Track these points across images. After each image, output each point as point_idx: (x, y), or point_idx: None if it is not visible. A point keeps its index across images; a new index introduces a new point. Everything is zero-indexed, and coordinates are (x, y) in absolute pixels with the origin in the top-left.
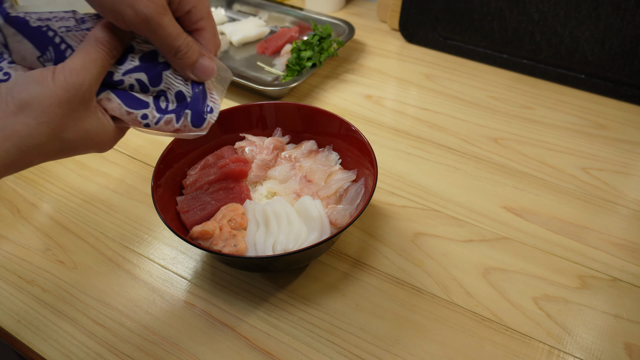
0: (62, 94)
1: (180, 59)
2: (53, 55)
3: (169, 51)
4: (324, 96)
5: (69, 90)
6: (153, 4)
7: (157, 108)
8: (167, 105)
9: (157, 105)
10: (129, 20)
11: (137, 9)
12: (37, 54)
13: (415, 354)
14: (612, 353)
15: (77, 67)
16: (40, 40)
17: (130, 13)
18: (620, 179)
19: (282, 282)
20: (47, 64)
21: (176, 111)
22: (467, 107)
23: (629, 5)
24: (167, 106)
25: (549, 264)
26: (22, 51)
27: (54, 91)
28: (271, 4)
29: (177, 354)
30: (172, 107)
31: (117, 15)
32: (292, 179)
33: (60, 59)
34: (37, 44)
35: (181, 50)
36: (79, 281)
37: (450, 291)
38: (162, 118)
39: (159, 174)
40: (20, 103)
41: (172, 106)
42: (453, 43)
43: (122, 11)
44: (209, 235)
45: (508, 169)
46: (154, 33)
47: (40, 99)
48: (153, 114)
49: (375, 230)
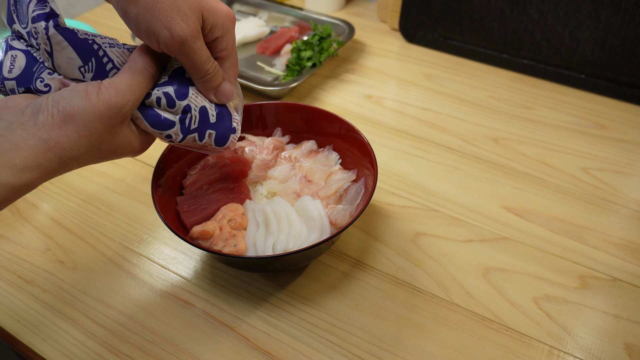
0: (104, 110)
1: (207, 82)
2: (94, 67)
3: (198, 73)
4: (324, 96)
5: (112, 108)
6: (188, 27)
7: (181, 128)
8: (190, 122)
9: (182, 124)
10: (164, 42)
11: (173, 31)
12: (79, 64)
13: (415, 354)
14: (612, 353)
15: (124, 88)
16: (84, 50)
17: (166, 34)
18: (620, 179)
19: (282, 282)
20: (87, 75)
21: (199, 130)
22: (467, 107)
23: (629, 5)
24: (190, 124)
25: (549, 264)
26: (65, 60)
27: (97, 107)
28: (271, 4)
29: (177, 354)
30: (194, 125)
31: (152, 35)
32: (292, 179)
33: (101, 71)
34: (81, 54)
35: (209, 73)
36: (79, 281)
37: (450, 291)
38: (185, 138)
39: (159, 174)
40: (65, 116)
41: (195, 124)
42: (453, 43)
43: (157, 32)
44: (209, 235)
45: (508, 169)
46: (187, 55)
47: (83, 113)
48: (177, 134)
49: (375, 230)
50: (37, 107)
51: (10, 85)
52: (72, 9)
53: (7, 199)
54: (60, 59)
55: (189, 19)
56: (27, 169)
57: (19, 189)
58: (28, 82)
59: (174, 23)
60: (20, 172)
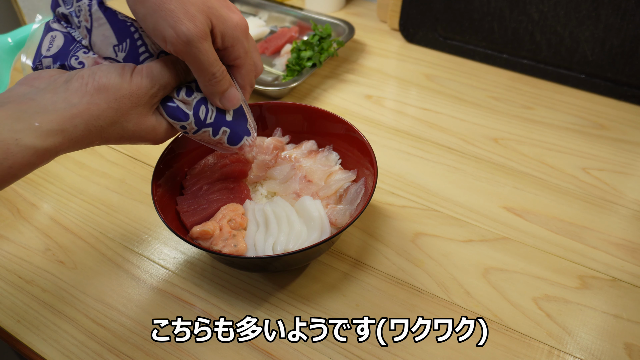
0: (135, 89)
1: (213, 86)
2: (127, 47)
3: (204, 76)
4: (324, 96)
5: (141, 89)
6: (195, 27)
7: (195, 121)
8: (206, 117)
9: (196, 117)
10: (170, 41)
11: (178, 30)
12: (114, 42)
13: (415, 354)
14: (612, 353)
15: (155, 73)
16: (121, 30)
17: (171, 34)
18: (620, 179)
19: (282, 282)
20: (120, 54)
21: (214, 125)
22: (467, 107)
23: (629, 5)
24: (205, 118)
25: (549, 264)
26: (102, 37)
27: (129, 84)
28: (271, 4)
29: (177, 354)
30: (209, 120)
31: (158, 35)
32: (292, 179)
33: (133, 52)
34: (118, 34)
35: (216, 77)
36: (79, 281)
37: (450, 291)
38: (199, 131)
39: (159, 174)
40: (99, 86)
41: (211, 119)
42: (453, 43)
43: (163, 31)
44: (209, 235)
45: (508, 169)
46: (193, 56)
47: (116, 87)
48: (192, 126)
49: (375, 230)
50: (70, 76)
51: (47, 62)
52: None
53: (30, 163)
54: (97, 36)
55: (196, 19)
56: (51, 132)
57: (43, 153)
58: (63, 59)
59: (179, 23)
60: (45, 135)
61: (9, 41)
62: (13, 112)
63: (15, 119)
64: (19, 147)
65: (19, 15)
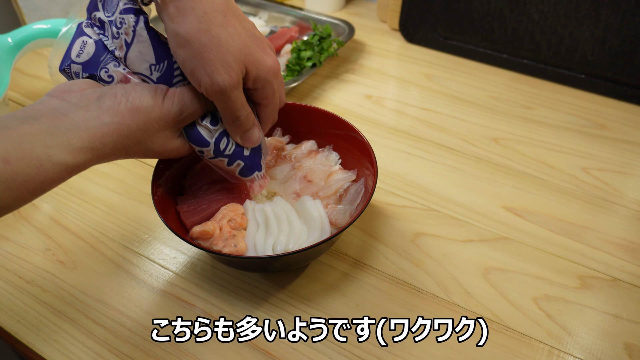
0: (165, 114)
1: (237, 127)
2: (164, 69)
3: (230, 118)
4: (324, 96)
5: (171, 114)
6: (230, 78)
7: (214, 149)
8: (225, 148)
9: (216, 147)
10: (204, 87)
11: (213, 80)
12: (152, 62)
13: (415, 354)
14: (612, 353)
15: (186, 100)
16: (161, 53)
17: (207, 81)
18: (620, 179)
19: (282, 282)
20: (155, 73)
21: (230, 157)
22: (467, 107)
23: (629, 5)
24: (225, 149)
25: (549, 264)
26: (139, 54)
27: (161, 109)
28: (271, 4)
29: (177, 354)
30: (228, 152)
31: (195, 79)
32: (292, 179)
33: (168, 74)
34: (157, 55)
35: (240, 120)
36: (79, 281)
37: (450, 291)
38: (216, 158)
39: (159, 174)
40: (132, 107)
41: (229, 152)
42: (453, 43)
43: (199, 77)
44: (209, 235)
45: (508, 169)
46: (222, 102)
47: (147, 109)
48: (209, 153)
49: (375, 230)
50: (102, 93)
51: (76, 68)
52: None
53: (60, 178)
54: (135, 52)
55: (232, 70)
56: (82, 150)
57: (72, 169)
58: (93, 69)
59: (216, 72)
60: (76, 152)
61: (9, 41)
62: (47, 128)
63: (49, 135)
64: (51, 164)
65: (19, 15)
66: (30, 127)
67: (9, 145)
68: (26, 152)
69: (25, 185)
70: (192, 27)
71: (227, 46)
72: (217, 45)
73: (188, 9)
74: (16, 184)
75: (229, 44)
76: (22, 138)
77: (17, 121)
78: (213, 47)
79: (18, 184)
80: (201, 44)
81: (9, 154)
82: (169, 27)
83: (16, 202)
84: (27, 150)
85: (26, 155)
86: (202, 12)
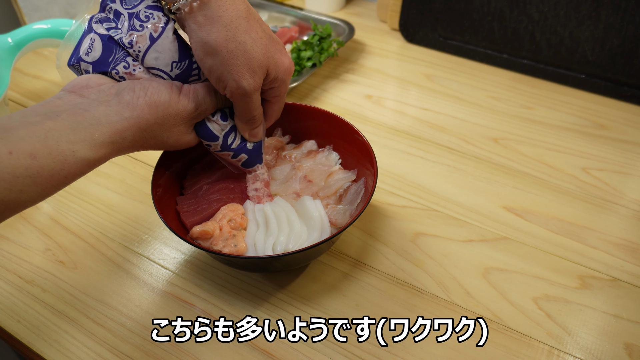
0: (180, 109)
1: (248, 124)
2: (185, 67)
3: (244, 117)
4: (324, 96)
5: (185, 110)
6: (254, 82)
7: (222, 143)
8: (232, 142)
9: (224, 141)
10: (230, 90)
11: (240, 84)
12: (175, 60)
13: (415, 354)
14: (612, 353)
15: (199, 97)
16: (184, 52)
17: (233, 86)
18: (620, 179)
19: (282, 282)
20: (174, 70)
21: (236, 150)
22: (467, 107)
23: (629, 5)
24: (232, 143)
25: (549, 264)
26: (165, 51)
27: (176, 104)
28: (271, 4)
29: (177, 354)
30: (234, 146)
31: (221, 84)
32: (292, 179)
33: (186, 73)
34: (181, 53)
35: (254, 118)
36: (79, 281)
37: (450, 291)
38: (222, 151)
39: (159, 174)
40: (151, 102)
41: (235, 146)
42: (453, 43)
43: (226, 82)
44: (209, 235)
45: (508, 169)
46: (244, 103)
47: (165, 104)
48: (217, 147)
49: (375, 230)
50: (120, 88)
51: (85, 66)
52: (72, 9)
53: (82, 172)
54: (160, 47)
55: (256, 75)
56: (103, 144)
57: (93, 163)
58: (104, 69)
59: (243, 78)
60: (98, 147)
61: (9, 41)
62: (69, 123)
63: (72, 130)
64: (75, 159)
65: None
66: (54, 122)
67: (36, 141)
68: (52, 148)
69: (50, 180)
70: (220, 36)
71: (252, 52)
72: (243, 52)
73: (215, 17)
74: (42, 179)
75: (254, 50)
76: (47, 134)
77: (39, 117)
78: (239, 54)
79: (44, 178)
80: (228, 52)
81: (36, 149)
82: (197, 36)
83: (40, 196)
84: (52, 146)
85: (52, 150)
86: (228, 20)
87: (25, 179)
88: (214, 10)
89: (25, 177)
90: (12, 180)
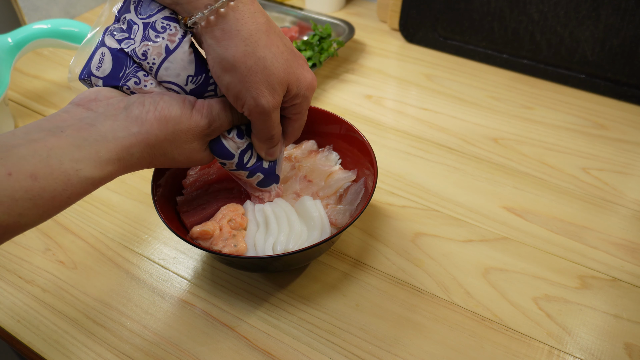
0: (192, 126)
1: (266, 143)
2: (200, 82)
3: (262, 135)
4: (324, 96)
5: (198, 127)
6: (273, 100)
7: (238, 162)
8: (248, 161)
9: (240, 159)
10: (247, 108)
11: (258, 102)
12: (191, 73)
13: (415, 354)
14: (612, 353)
15: (213, 113)
16: (201, 66)
17: (251, 103)
18: (620, 179)
19: (282, 282)
20: (189, 85)
21: (251, 169)
22: (467, 107)
23: (629, 5)
24: (247, 162)
25: (549, 264)
26: (181, 63)
27: (188, 120)
28: (271, 4)
29: (177, 354)
30: (249, 165)
31: (239, 101)
32: (292, 179)
33: (202, 88)
34: (198, 68)
35: (273, 137)
36: (79, 281)
37: (450, 291)
38: (237, 171)
39: (159, 174)
40: (160, 116)
41: (250, 165)
42: (453, 43)
43: (244, 99)
44: (209, 235)
45: (508, 169)
46: (262, 122)
47: (175, 120)
48: (232, 166)
49: (375, 230)
50: (129, 102)
51: (96, 81)
52: (72, 9)
53: (85, 192)
54: (177, 59)
55: (276, 93)
56: (109, 161)
57: (99, 182)
58: (114, 84)
59: (261, 95)
60: (103, 164)
61: (9, 41)
62: (74, 140)
63: (76, 147)
64: (79, 178)
65: (19, 15)
66: (58, 139)
67: (37, 161)
68: (54, 168)
69: (51, 202)
70: (239, 51)
71: (272, 68)
72: (263, 68)
73: (234, 31)
74: (43, 201)
75: (274, 66)
76: (50, 152)
77: (43, 133)
78: (259, 70)
79: (45, 200)
80: (247, 68)
81: (37, 169)
82: (214, 51)
83: (41, 218)
84: (54, 166)
85: (54, 170)
86: (247, 34)
87: (25, 201)
88: (232, 24)
89: (25, 200)
90: (11, 203)
